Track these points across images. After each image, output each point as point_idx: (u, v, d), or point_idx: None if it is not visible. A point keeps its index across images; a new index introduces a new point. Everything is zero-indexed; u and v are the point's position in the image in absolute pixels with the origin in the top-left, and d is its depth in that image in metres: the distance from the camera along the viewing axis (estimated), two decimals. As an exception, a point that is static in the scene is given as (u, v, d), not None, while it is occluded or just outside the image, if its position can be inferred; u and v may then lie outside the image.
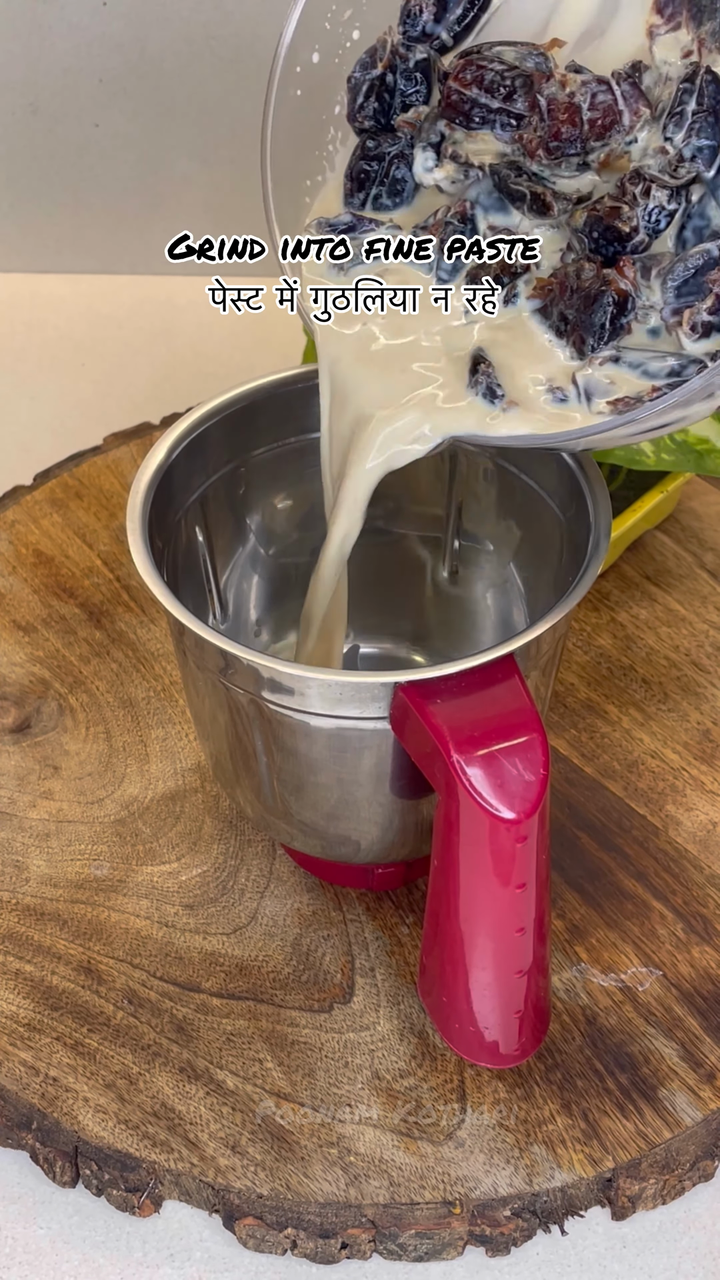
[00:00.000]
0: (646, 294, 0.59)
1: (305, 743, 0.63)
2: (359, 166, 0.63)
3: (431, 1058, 0.67)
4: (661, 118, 0.59)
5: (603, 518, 0.65)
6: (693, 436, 0.78)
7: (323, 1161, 0.64)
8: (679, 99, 0.59)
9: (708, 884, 0.72)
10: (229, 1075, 0.66)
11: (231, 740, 0.66)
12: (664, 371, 0.59)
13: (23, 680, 0.80)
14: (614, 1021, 0.68)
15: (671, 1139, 0.64)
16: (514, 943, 0.61)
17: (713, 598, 0.84)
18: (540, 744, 0.58)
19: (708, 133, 0.58)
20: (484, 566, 0.74)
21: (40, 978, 0.69)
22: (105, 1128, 0.65)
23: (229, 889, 0.72)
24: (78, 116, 1.03)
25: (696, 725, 0.78)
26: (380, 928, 0.71)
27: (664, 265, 0.59)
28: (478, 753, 0.57)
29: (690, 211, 0.59)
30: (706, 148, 0.58)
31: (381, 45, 0.62)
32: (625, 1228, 0.64)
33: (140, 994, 0.69)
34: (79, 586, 0.85)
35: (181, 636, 0.64)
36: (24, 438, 0.96)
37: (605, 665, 0.81)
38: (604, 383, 0.59)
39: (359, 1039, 0.67)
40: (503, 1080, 0.66)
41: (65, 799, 0.76)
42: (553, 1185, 0.63)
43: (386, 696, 0.60)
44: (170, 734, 0.78)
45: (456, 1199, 0.63)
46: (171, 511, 0.68)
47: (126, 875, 0.73)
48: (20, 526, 0.87)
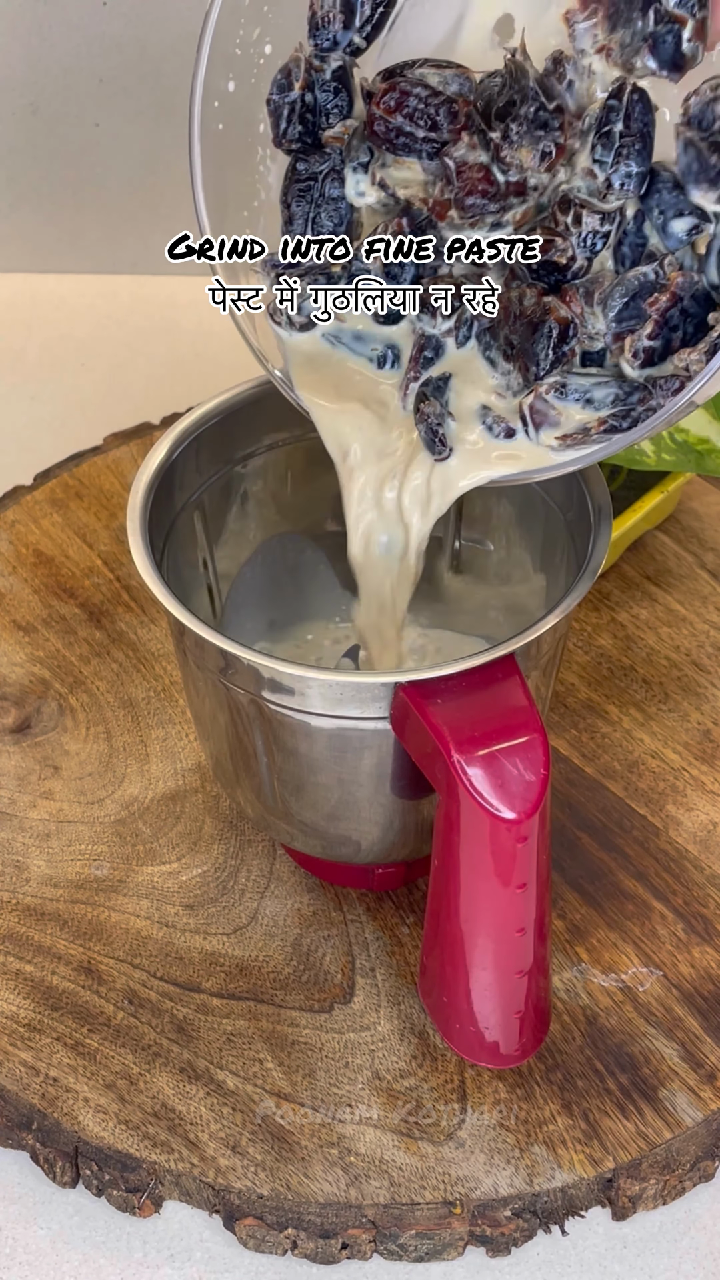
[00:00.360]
0: (591, 320, 0.59)
1: (306, 743, 0.63)
2: (295, 194, 0.62)
3: (432, 1058, 0.67)
4: (589, 136, 0.58)
5: (603, 518, 0.65)
6: (693, 437, 0.78)
7: (323, 1162, 0.64)
8: (605, 117, 0.57)
9: (708, 884, 0.72)
10: (229, 1075, 0.66)
11: (232, 740, 0.66)
12: (609, 400, 0.59)
13: (23, 680, 0.80)
14: (614, 1022, 0.68)
15: (672, 1139, 0.64)
16: (514, 943, 0.61)
17: (713, 598, 0.84)
18: (541, 744, 0.58)
19: (635, 159, 0.57)
20: (485, 567, 0.74)
21: (40, 978, 0.69)
22: (105, 1128, 0.65)
23: (229, 889, 0.72)
24: (78, 116, 1.03)
25: (697, 725, 0.78)
26: (381, 928, 0.71)
27: (604, 289, 0.58)
28: (478, 753, 0.57)
29: (626, 229, 0.58)
30: (635, 174, 0.57)
31: (295, 63, 0.61)
32: (626, 1228, 0.64)
33: (140, 994, 0.68)
34: (79, 586, 0.84)
35: (182, 636, 0.64)
36: (24, 438, 0.96)
37: (606, 665, 0.81)
38: (551, 413, 0.59)
39: (359, 1039, 0.67)
40: (503, 1080, 0.66)
41: (65, 799, 0.75)
42: (553, 1185, 0.63)
43: (387, 696, 0.60)
44: (170, 734, 0.78)
45: (457, 1199, 0.63)
46: (171, 511, 0.68)
47: (127, 875, 0.73)
48: (20, 526, 0.87)
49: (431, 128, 0.59)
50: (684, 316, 0.58)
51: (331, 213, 0.62)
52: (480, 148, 0.59)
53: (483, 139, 0.59)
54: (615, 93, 0.57)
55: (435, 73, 0.60)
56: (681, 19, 0.56)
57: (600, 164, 0.57)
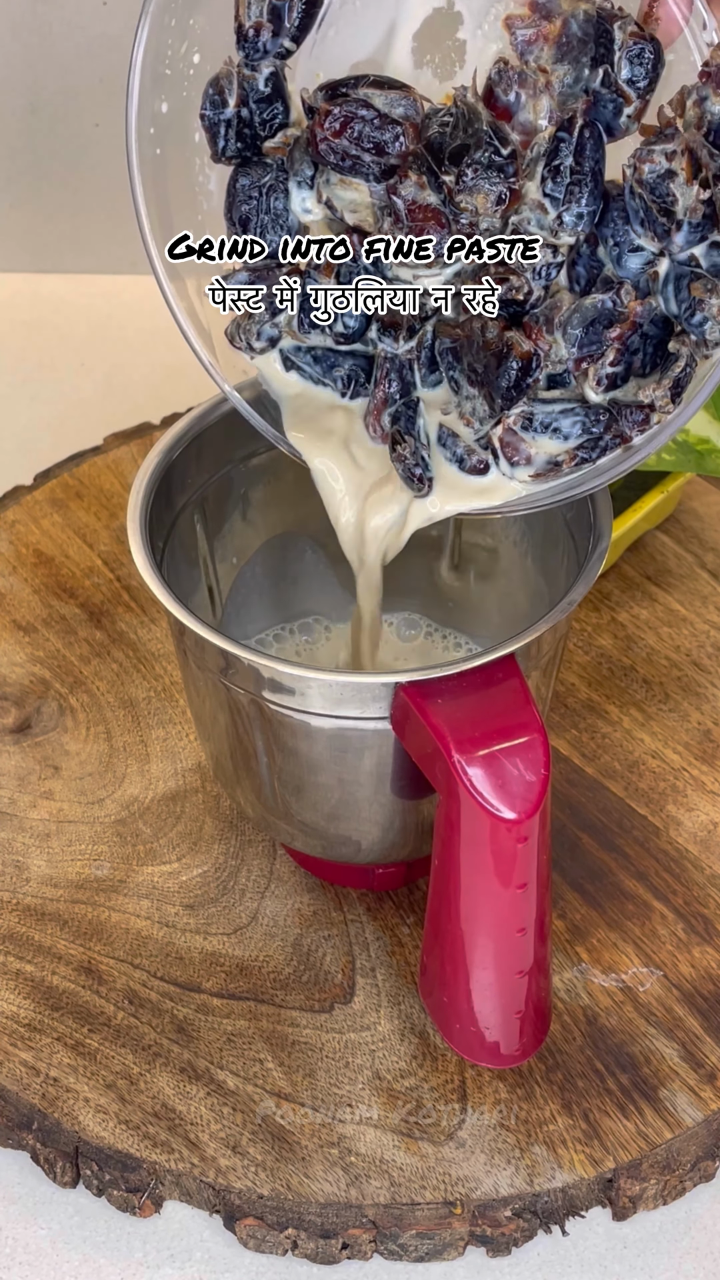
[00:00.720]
0: (555, 349, 0.58)
1: (306, 743, 0.63)
2: (240, 211, 0.61)
3: (432, 1058, 0.67)
4: (538, 165, 0.57)
5: (603, 518, 0.65)
6: (693, 436, 0.78)
7: (323, 1162, 0.64)
8: (555, 149, 0.56)
9: (708, 884, 0.72)
10: (229, 1075, 0.66)
11: (232, 740, 0.66)
12: (576, 429, 0.59)
13: (23, 680, 0.80)
14: (615, 1022, 0.68)
15: (672, 1139, 0.64)
16: (515, 943, 0.61)
17: (713, 598, 0.84)
18: (541, 744, 0.58)
19: (587, 199, 0.56)
20: (485, 567, 0.74)
21: (41, 978, 0.69)
22: (106, 1128, 0.65)
23: (229, 889, 0.72)
24: (78, 116, 1.03)
25: (697, 725, 0.78)
26: (381, 928, 0.71)
27: (563, 314, 0.58)
28: (478, 753, 0.57)
29: (580, 250, 0.58)
30: (587, 214, 0.57)
31: (227, 77, 0.59)
32: (626, 1228, 0.64)
33: (141, 994, 0.68)
34: (79, 586, 0.84)
35: (182, 636, 0.64)
36: (24, 438, 0.96)
37: (606, 665, 0.81)
38: (522, 445, 0.59)
39: (360, 1039, 0.67)
40: (503, 1080, 0.66)
41: (66, 799, 0.75)
42: (554, 1185, 0.63)
43: (387, 696, 0.60)
44: (171, 734, 0.78)
45: (457, 1199, 0.63)
46: (171, 511, 0.68)
47: (127, 875, 0.73)
48: (20, 526, 0.87)
49: (378, 152, 0.58)
50: (644, 340, 0.58)
51: (279, 226, 0.61)
52: (430, 188, 0.58)
53: (433, 180, 0.58)
54: (566, 125, 0.56)
55: (380, 94, 0.58)
56: (627, 97, 0.56)
57: (552, 199, 0.57)
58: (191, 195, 0.63)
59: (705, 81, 0.55)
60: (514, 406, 0.59)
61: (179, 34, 0.60)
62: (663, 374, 0.58)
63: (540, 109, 0.57)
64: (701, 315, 0.56)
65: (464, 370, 0.60)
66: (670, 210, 0.56)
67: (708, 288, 0.56)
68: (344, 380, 0.63)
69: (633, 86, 0.56)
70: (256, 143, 0.60)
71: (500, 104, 0.57)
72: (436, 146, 0.58)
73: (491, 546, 0.74)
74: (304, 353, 0.63)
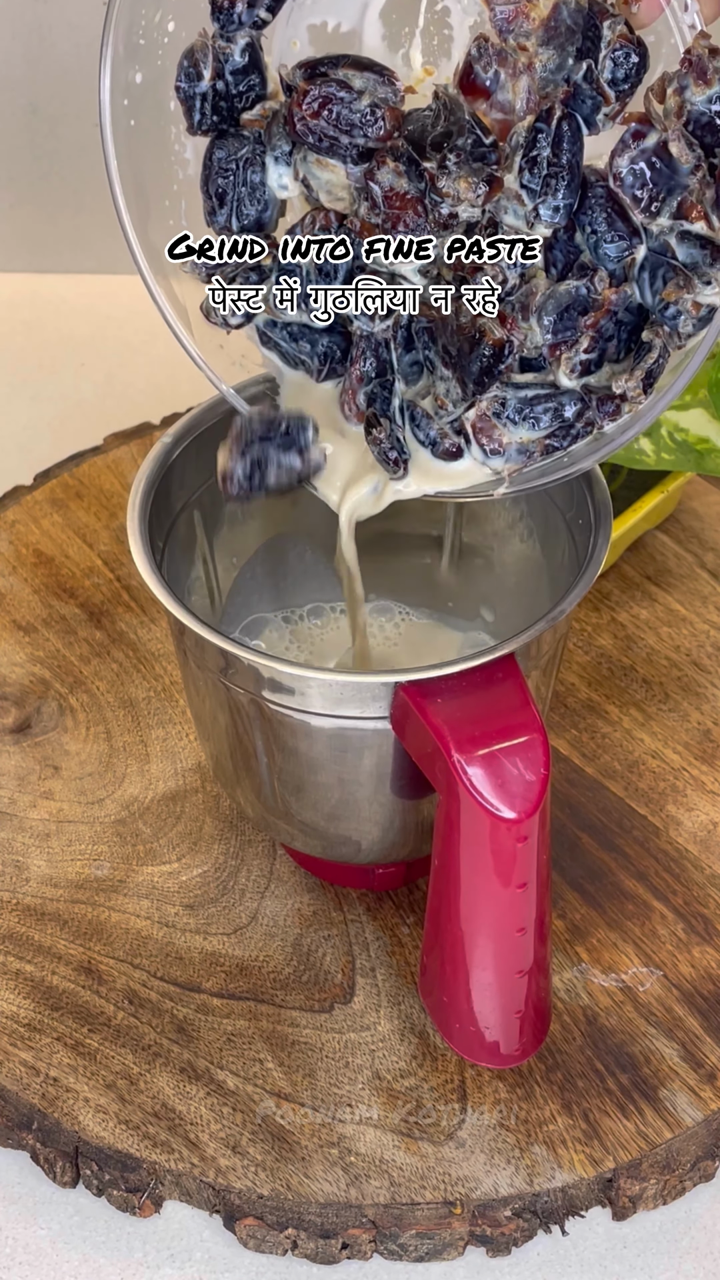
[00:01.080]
0: (528, 334, 0.58)
1: (306, 743, 0.63)
2: (217, 184, 0.60)
3: (432, 1058, 0.67)
4: (516, 155, 0.56)
5: (603, 518, 0.65)
6: (693, 436, 0.78)
7: (323, 1162, 0.64)
8: (533, 139, 0.56)
9: (708, 884, 0.72)
10: (229, 1075, 0.66)
11: (232, 740, 0.66)
12: (548, 417, 0.59)
13: (23, 680, 0.80)
14: (615, 1022, 0.68)
15: (672, 1139, 0.64)
16: (514, 942, 0.61)
17: (713, 598, 0.84)
18: (541, 743, 0.58)
19: (564, 191, 0.56)
20: (484, 566, 0.74)
21: (41, 978, 0.69)
22: (106, 1128, 0.65)
23: (229, 889, 0.72)
24: (78, 116, 1.03)
25: (697, 725, 0.78)
26: (381, 928, 0.71)
27: (538, 300, 0.58)
28: (478, 752, 0.57)
29: (558, 235, 0.58)
30: (564, 207, 0.56)
31: (202, 50, 0.59)
32: (626, 1228, 0.64)
33: (141, 994, 0.68)
34: (79, 586, 0.84)
35: (182, 636, 0.64)
36: (24, 438, 0.96)
37: (606, 665, 0.81)
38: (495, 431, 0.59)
39: (359, 1039, 0.67)
40: (503, 1080, 0.66)
41: (65, 799, 0.75)
42: (553, 1185, 0.63)
43: (387, 696, 0.60)
44: (170, 734, 0.78)
45: (457, 1199, 0.63)
46: (171, 511, 0.68)
47: (127, 875, 0.73)
48: (20, 526, 0.87)
49: (356, 134, 0.58)
50: (618, 326, 0.58)
51: (256, 200, 0.60)
52: (409, 177, 0.57)
53: (413, 169, 0.57)
54: (544, 115, 0.56)
55: (359, 75, 0.58)
56: (606, 97, 0.56)
57: (529, 191, 0.56)
58: (167, 164, 0.62)
59: (687, 70, 0.54)
60: (486, 391, 0.59)
61: (153, 2, 0.60)
62: (635, 365, 0.58)
63: (519, 89, 0.56)
64: (675, 309, 0.56)
65: (438, 352, 0.60)
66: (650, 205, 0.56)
67: (680, 284, 0.56)
68: (320, 357, 0.62)
69: (614, 87, 0.56)
70: (233, 114, 0.60)
71: (479, 82, 0.57)
72: (417, 139, 0.57)
73: (491, 546, 0.74)
74: (280, 329, 0.62)
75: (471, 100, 0.57)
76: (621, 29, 0.55)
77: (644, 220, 0.56)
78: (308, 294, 0.61)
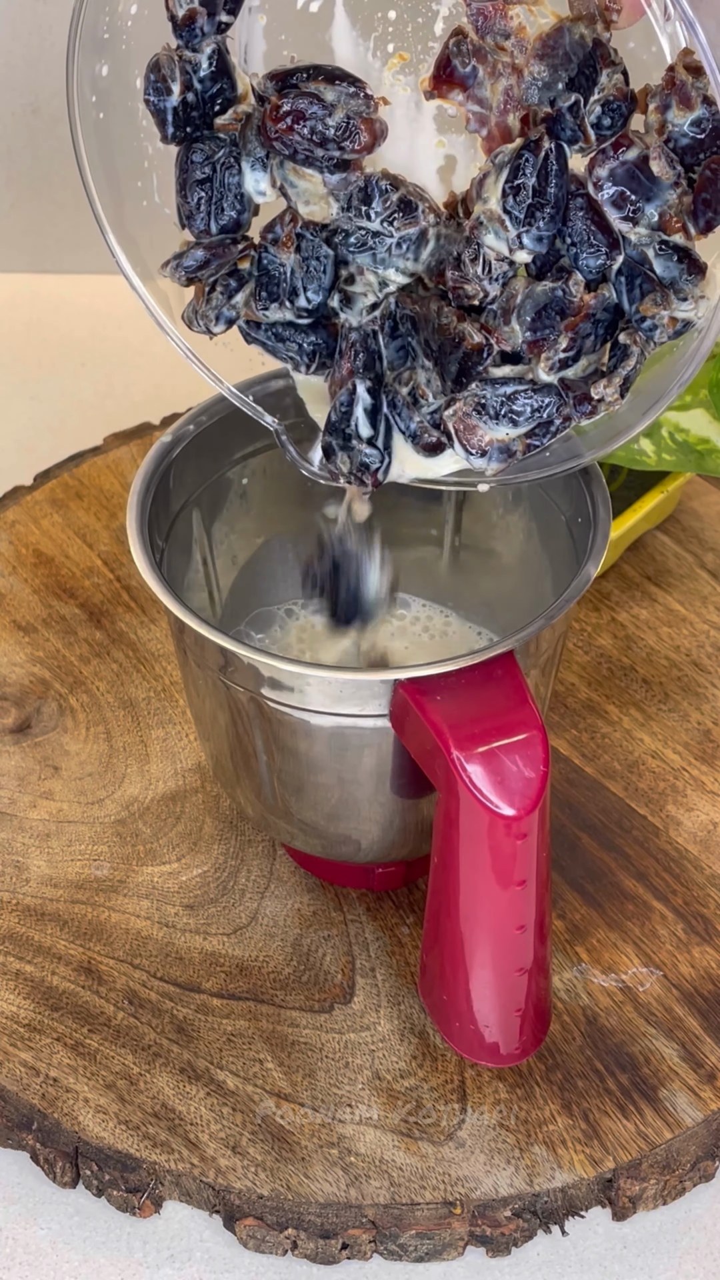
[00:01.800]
0: (510, 336, 0.58)
1: (305, 741, 0.63)
2: (198, 195, 0.60)
3: (432, 1058, 0.67)
4: (501, 173, 0.56)
5: (603, 517, 0.65)
6: (693, 436, 0.78)
7: (323, 1162, 0.64)
8: (518, 166, 0.55)
9: (708, 884, 0.72)
10: (229, 1076, 0.66)
11: (232, 740, 0.66)
12: (526, 412, 0.58)
13: (23, 680, 0.80)
14: (614, 1022, 0.68)
15: (672, 1139, 0.64)
16: (514, 941, 0.60)
17: (713, 598, 0.84)
18: (540, 741, 0.58)
19: (546, 223, 0.56)
20: (484, 565, 0.74)
21: (40, 978, 0.69)
22: (106, 1128, 0.65)
23: (229, 889, 0.72)
24: (78, 117, 1.03)
25: (697, 725, 0.78)
26: (381, 928, 0.71)
27: (517, 301, 0.58)
28: (478, 750, 0.57)
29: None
30: (547, 238, 0.56)
31: (169, 64, 0.58)
32: (626, 1228, 0.64)
33: (140, 994, 0.68)
34: (79, 586, 0.84)
35: (182, 635, 0.64)
36: (24, 438, 0.96)
37: (606, 665, 0.81)
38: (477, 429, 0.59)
39: (359, 1039, 0.67)
40: (503, 1080, 0.66)
41: (65, 799, 0.75)
42: (553, 1185, 0.63)
43: (386, 694, 0.60)
44: (170, 734, 0.78)
45: (457, 1199, 0.63)
46: (171, 511, 0.68)
47: (127, 875, 0.73)
48: (20, 526, 0.87)
49: (331, 148, 0.57)
50: (595, 324, 0.58)
51: (234, 201, 0.60)
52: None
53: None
54: (533, 145, 0.55)
55: (330, 89, 0.57)
56: (587, 137, 0.56)
57: (512, 218, 0.56)
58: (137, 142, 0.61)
59: (670, 91, 0.54)
60: (464, 389, 0.59)
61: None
62: (612, 371, 0.58)
63: (498, 90, 0.56)
64: (651, 322, 0.57)
65: (420, 342, 0.60)
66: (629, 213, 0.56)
67: (657, 301, 0.56)
68: (308, 355, 0.62)
69: (597, 130, 0.56)
70: (206, 120, 0.59)
71: (456, 76, 0.56)
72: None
73: (491, 546, 0.74)
74: (264, 329, 0.62)
75: (447, 91, 0.57)
76: (618, 80, 0.55)
77: (623, 229, 0.56)
78: (294, 290, 0.61)
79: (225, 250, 0.60)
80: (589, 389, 0.58)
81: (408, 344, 0.61)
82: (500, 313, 0.58)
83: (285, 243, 0.60)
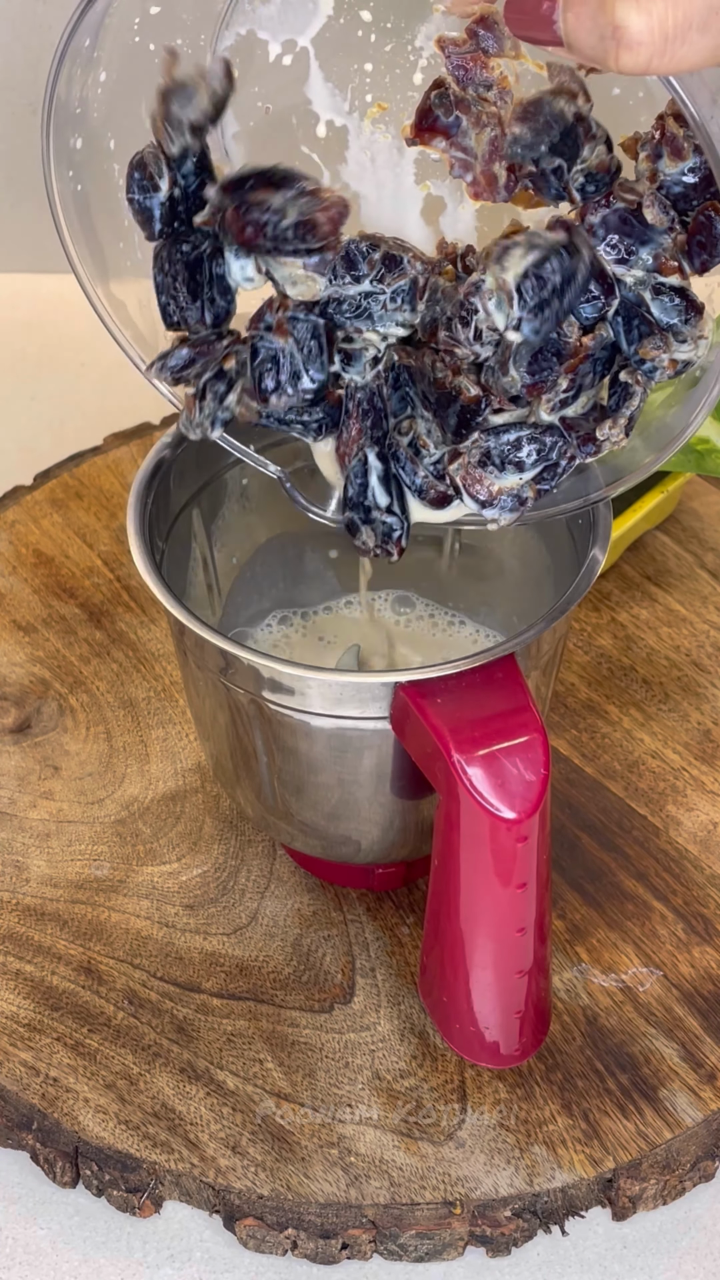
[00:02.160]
0: (506, 383, 0.58)
1: (306, 743, 0.63)
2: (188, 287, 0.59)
3: (432, 1058, 0.67)
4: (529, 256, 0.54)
5: (603, 518, 0.65)
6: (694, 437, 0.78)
7: (323, 1162, 0.64)
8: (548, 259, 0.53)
9: (708, 884, 0.72)
10: (229, 1076, 0.66)
11: (232, 740, 0.66)
12: (532, 457, 0.58)
13: (23, 680, 0.80)
14: (614, 1022, 0.68)
15: (672, 1139, 0.64)
16: (514, 942, 0.61)
17: (713, 598, 0.84)
18: (541, 743, 0.58)
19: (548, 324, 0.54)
20: (484, 567, 0.74)
21: (40, 978, 0.69)
22: (106, 1128, 0.65)
23: (229, 889, 0.72)
24: (78, 117, 1.03)
25: (697, 725, 0.78)
26: (381, 928, 0.71)
27: (512, 350, 0.57)
28: (478, 752, 0.57)
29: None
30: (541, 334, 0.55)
31: (155, 161, 0.57)
32: (626, 1228, 0.64)
33: (140, 994, 0.68)
34: (79, 586, 0.84)
35: (182, 636, 0.64)
36: (24, 438, 0.96)
37: (606, 665, 0.81)
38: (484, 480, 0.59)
39: (359, 1039, 0.67)
40: (503, 1080, 0.66)
41: (65, 799, 0.75)
42: (553, 1185, 0.63)
43: (387, 696, 0.60)
44: (170, 734, 0.78)
45: (457, 1199, 0.63)
46: (171, 511, 0.68)
47: (127, 875, 0.73)
48: (20, 526, 0.87)
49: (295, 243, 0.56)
50: (594, 364, 0.58)
51: (222, 289, 0.59)
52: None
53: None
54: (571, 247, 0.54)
55: (274, 194, 0.55)
56: (572, 199, 0.56)
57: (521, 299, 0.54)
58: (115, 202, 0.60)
59: (660, 140, 0.55)
60: (465, 441, 0.59)
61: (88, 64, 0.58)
62: (616, 412, 0.58)
63: (483, 140, 0.56)
64: (650, 364, 0.57)
65: (418, 393, 0.60)
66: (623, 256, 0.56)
67: (657, 345, 0.56)
68: (314, 430, 0.62)
69: (581, 193, 0.56)
70: (189, 215, 0.59)
71: (440, 125, 0.57)
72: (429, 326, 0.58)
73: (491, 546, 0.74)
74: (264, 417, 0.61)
75: (429, 139, 0.57)
76: (600, 153, 0.55)
77: (618, 271, 0.57)
78: (295, 373, 0.59)
79: (210, 348, 0.59)
80: (594, 430, 0.58)
81: (406, 393, 0.61)
82: (497, 366, 0.58)
83: (279, 328, 0.59)
